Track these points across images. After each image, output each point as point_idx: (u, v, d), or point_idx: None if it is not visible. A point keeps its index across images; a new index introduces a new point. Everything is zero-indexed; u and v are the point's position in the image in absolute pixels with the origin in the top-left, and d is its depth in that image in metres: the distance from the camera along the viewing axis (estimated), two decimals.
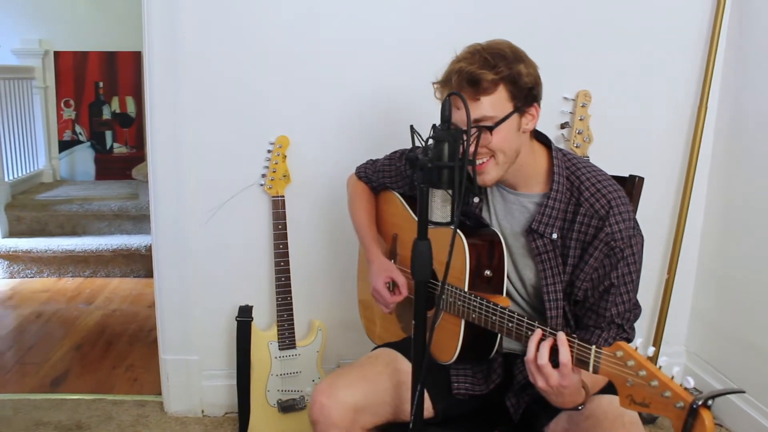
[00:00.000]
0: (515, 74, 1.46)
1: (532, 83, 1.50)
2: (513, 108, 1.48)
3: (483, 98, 1.46)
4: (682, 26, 2.53)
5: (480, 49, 1.49)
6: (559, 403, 1.40)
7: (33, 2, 5.10)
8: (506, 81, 1.46)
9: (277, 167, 2.41)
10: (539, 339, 1.37)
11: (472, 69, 1.44)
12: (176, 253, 2.52)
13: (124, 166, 5.17)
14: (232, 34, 2.38)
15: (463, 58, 1.49)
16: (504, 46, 1.50)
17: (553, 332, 1.35)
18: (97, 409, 2.70)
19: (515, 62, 1.47)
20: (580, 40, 2.48)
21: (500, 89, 1.47)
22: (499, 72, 1.45)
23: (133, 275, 4.27)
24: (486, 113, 1.46)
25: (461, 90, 1.45)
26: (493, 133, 1.48)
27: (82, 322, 3.58)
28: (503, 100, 1.48)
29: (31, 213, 4.46)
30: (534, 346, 1.37)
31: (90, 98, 5.17)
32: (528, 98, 1.50)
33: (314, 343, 2.48)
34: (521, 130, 1.53)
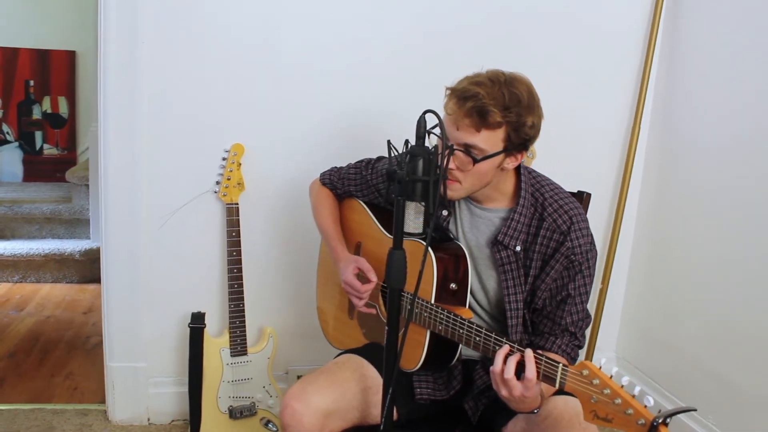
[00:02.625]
0: (521, 123, 1.54)
1: (531, 135, 1.59)
2: (503, 148, 1.57)
3: (483, 131, 1.53)
4: (617, 47, 2.69)
5: (502, 82, 1.54)
6: (518, 408, 1.49)
7: None
8: (510, 126, 1.54)
9: (232, 175, 2.43)
10: (506, 353, 1.45)
11: (486, 102, 1.50)
12: (125, 258, 2.50)
13: (54, 168, 5.03)
14: (189, 40, 2.39)
15: (482, 83, 1.54)
16: (524, 88, 1.56)
17: (521, 348, 1.44)
18: (37, 419, 2.63)
19: (527, 111, 1.55)
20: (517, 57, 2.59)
21: (501, 130, 1.55)
22: (508, 116, 1.52)
23: (66, 281, 4.16)
24: (478, 144, 1.55)
25: (468, 113, 1.52)
26: (475, 164, 1.56)
27: (13, 329, 3.47)
28: (498, 139, 1.56)
29: None
30: (501, 359, 1.44)
31: (19, 97, 5.00)
32: (521, 146, 1.59)
33: (265, 349, 2.50)
34: (501, 167, 1.61)
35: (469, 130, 1.53)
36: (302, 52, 2.45)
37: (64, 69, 5.01)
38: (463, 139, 1.55)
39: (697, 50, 2.55)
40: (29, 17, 4.98)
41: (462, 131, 1.55)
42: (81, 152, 5.08)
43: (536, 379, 1.41)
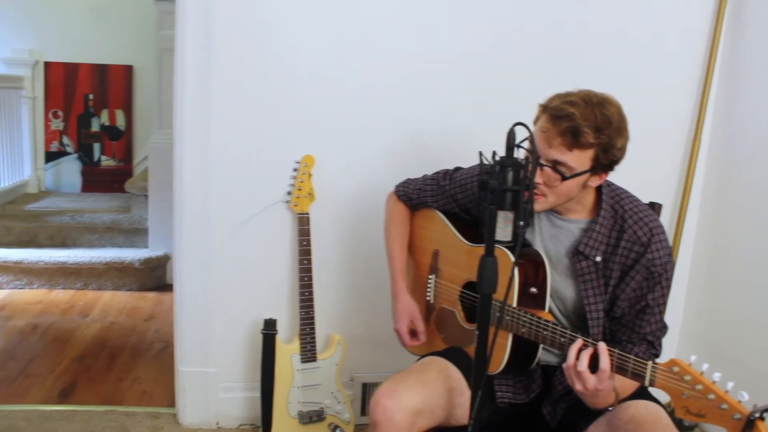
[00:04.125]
0: (611, 145, 1.60)
1: (619, 157, 1.65)
2: (590, 167, 1.62)
3: (574, 150, 1.59)
4: (677, 59, 2.72)
5: (595, 104, 1.59)
6: (592, 403, 1.56)
7: (25, 12, 5.09)
8: (601, 147, 1.60)
9: (303, 185, 2.50)
10: (579, 347, 1.52)
11: (580, 123, 1.56)
12: (198, 266, 2.58)
13: (111, 179, 5.19)
14: (261, 56, 2.47)
15: (576, 103, 1.59)
16: (614, 110, 1.61)
17: (593, 342, 1.51)
18: (110, 420, 2.72)
19: (617, 134, 1.60)
20: (576, 69, 2.62)
21: (591, 150, 1.60)
22: (599, 138, 1.58)
23: (126, 288, 4.27)
24: (567, 162, 1.60)
25: (561, 133, 1.58)
26: (562, 181, 1.61)
27: (80, 334, 3.58)
28: (587, 159, 1.61)
29: (21, 223, 4.44)
30: (574, 353, 1.51)
31: (79, 110, 5.17)
32: (607, 166, 1.65)
33: (334, 356, 2.56)
34: (585, 184, 1.67)
35: (561, 148, 1.59)
36: (370, 66, 2.52)
37: (122, 83, 5.17)
38: (554, 156, 1.61)
39: (759, 62, 2.57)
40: (89, 34, 5.16)
41: (554, 149, 1.60)
42: (137, 163, 5.22)
43: (610, 372, 1.46)
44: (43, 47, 5.15)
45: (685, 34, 2.70)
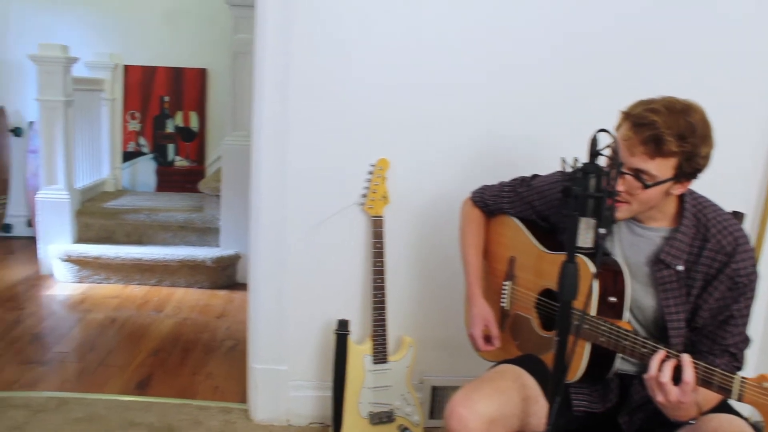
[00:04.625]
0: (695, 153, 1.58)
1: (703, 166, 1.63)
2: (673, 176, 1.61)
3: (657, 159, 1.58)
4: (758, 61, 2.65)
5: (678, 111, 1.58)
6: (674, 416, 1.54)
7: (107, 18, 5.29)
8: (684, 155, 1.58)
9: (377, 188, 2.54)
10: (662, 358, 1.51)
11: (662, 131, 1.55)
12: (274, 266, 2.64)
13: (183, 179, 5.34)
14: (340, 59, 2.51)
15: (659, 110, 1.58)
16: (698, 118, 1.60)
17: (677, 354, 1.49)
18: (185, 413, 2.81)
19: (701, 142, 1.59)
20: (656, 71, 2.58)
21: (674, 158, 1.58)
22: (683, 146, 1.56)
23: (198, 286, 4.39)
24: (650, 170, 1.59)
25: (643, 141, 1.57)
26: (644, 189, 1.60)
27: (155, 329, 3.70)
28: (670, 167, 1.60)
29: (100, 220, 4.61)
30: (656, 364, 1.50)
31: (155, 112, 5.34)
32: (690, 175, 1.63)
33: (405, 358, 2.59)
34: (667, 193, 1.65)
35: (643, 157, 1.58)
36: (447, 71, 2.53)
37: (196, 86, 5.31)
38: (636, 164, 1.60)
39: None
40: (166, 38, 5.32)
41: (636, 157, 1.59)
42: (209, 164, 5.36)
43: (694, 384, 1.44)
44: (122, 51, 5.34)
45: (765, 38, 2.63)
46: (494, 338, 1.98)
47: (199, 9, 5.27)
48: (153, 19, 5.32)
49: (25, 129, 5.39)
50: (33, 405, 2.80)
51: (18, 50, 5.23)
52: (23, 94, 5.34)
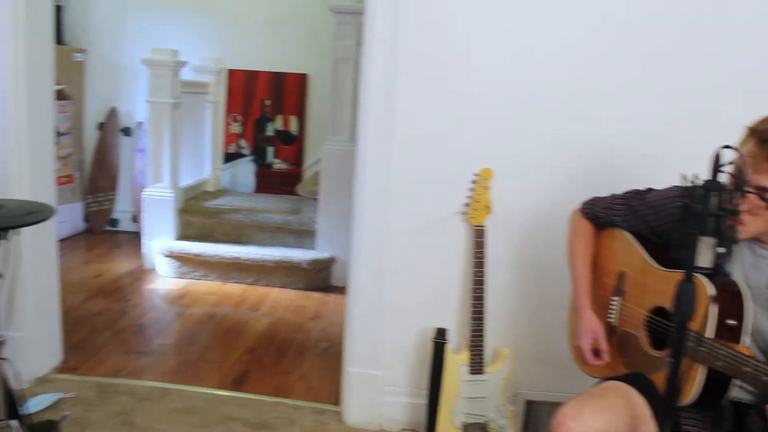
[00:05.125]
0: None
1: None
2: None
3: None
4: None
5: None
6: None
7: (213, 24, 5.48)
8: None
9: (480, 197, 2.52)
10: None
11: None
12: (374, 271, 2.66)
13: (281, 181, 5.46)
14: (446, 68, 2.52)
15: None
16: None
17: None
18: (279, 411, 2.86)
19: None
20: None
21: None
22: None
23: (293, 287, 4.47)
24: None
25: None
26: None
27: (251, 327, 3.80)
28: None
29: (201, 219, 4.77)
30: None
31: (256, 115, 5.49)
32: None
33: (501, 370, 2.56)
34: None
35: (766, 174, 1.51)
36: (554, 82, 2.50)
37: (297, 90, 5.43)
38: (760, 182, 1.53)
39: None
40: (268, 44, 5.46)
41: (761, 175, 1.52)
42: (307, 167, 5.46)
43: None
44: (227, 56, 5.51)
45: None
46: (603, 352, 1.93)
47: (302, 16, 5.39)
48: (257, 25, 5.47)
49: (134, 129, 5.64)
50: (137, 393, 2.91)
51: (132, 55, 5.49)
52: (134, 96, 5.60)
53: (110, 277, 4.54)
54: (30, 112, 2.76)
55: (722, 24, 2.42)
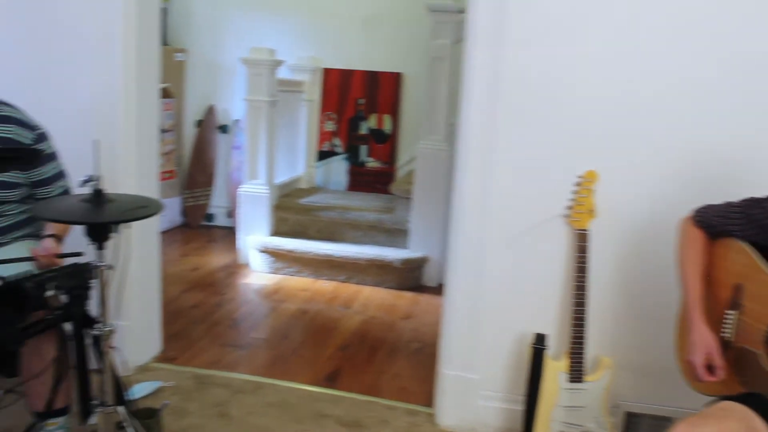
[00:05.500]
0: None
1: None
2: None
3: None
4: None
5: None
6: None
7: (310, 23, 5.54)
8: None
9: (584, 201, 2.43)
10: None
11: None
12: (472, 273, 2.61)
13: (374, 179, 5.47)
14: (550, 68, 2.44)
15: None
16: None
17: None
18: (372, 410, 2.85)
19: None
20: None
21: None
22: None
23: (385, 286, 4.47)
24: None
25: None
26: None
27: (343, 324, 3.81)
28: None
29: (295, 215, 4.83)
30: None
31: (350, 113, 5.51)
32: None
33: (601, 380, 2.46)
34: None
35: None
36: (662, 85, 2.38)
37: (391, 89, 5.42)
38: None
39: None
40: (363, 43, 5.48)
41: None
42: (400, 166, 5.45)
43: None
44: (322, 55, 5.56)
45: None
46: (718, 369, 1.82)
47: (397, 15, 5.38)
48: (352, 24, 5.50)
49: (230, 126, 5.77)
50: (233, 385, 2.96)
51: (230, 54, 5.62)
52: (231, 94, 5.73)
53: (206, 271, 4.66)
54: (138, 110, 2.85)
55: None
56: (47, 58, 2.83)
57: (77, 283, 1.96)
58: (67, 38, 2.80)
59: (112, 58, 2.76)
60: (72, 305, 1.99)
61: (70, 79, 2.82)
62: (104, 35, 2.75)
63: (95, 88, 2.80)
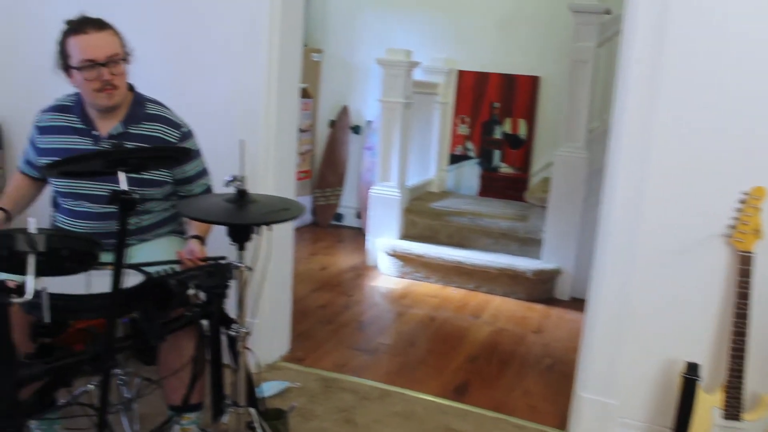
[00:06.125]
0: None
1: None
2: None
3: None
4: None
5: None
6: None
7: (445, 25, 5.46)
8: None
9: (749, 220, 2.21)
10: None
11: None
12: (616, 290, 2.44)
13: (506, 185, 5.33)
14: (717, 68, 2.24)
15: None
16: None
17: None
18: (501, 428, 2.73)
19: None
20: None
21: None
22: None
23: (515, 296, 4.32)
24: None
25: None
26: None
27: (472, 334, 3.70)
28: None
29: (425, 219, 4.76)
30: None
31: (484, 117, 5.39)
32: None
33: (762, 420, 2.23)
34: None
35: None
36: None
37: (527, 93, 5.25)
38: None
39: None
40: (500, 45, 5.34)
41: None
42: (534, 173, 5.27)
43: None
44: (457, 56, 5.47)
45: None
46: None
47: (536, 16, 5.20)
48: (488, 25, 5.37)
49: (363, 127, 5.79)
50: (359, 391, 2.93)
51: (364, 55, 5.65)
52: (364, 95, 5.76)
53: (334, 271, 4.68)
54: (279, 110, 2.88)
55: None
56: (191, 57, 2.92)
57: (217, 282, 1.97)
58: (211, 39, 2.86)
59: (256, 58, 2.79)
60: (210, 303, 2.01)
61: (212, 79, 2.88)
62: (248, 35, 2.79)
63: (238, 87, 2.84)
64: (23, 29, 3.27)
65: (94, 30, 2.13)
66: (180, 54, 2.93)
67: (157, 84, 2.56)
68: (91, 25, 2.13)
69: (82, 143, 2.25)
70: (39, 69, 2.20)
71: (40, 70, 2.19)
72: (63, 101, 2.32)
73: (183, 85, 2.91)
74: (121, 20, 2.24)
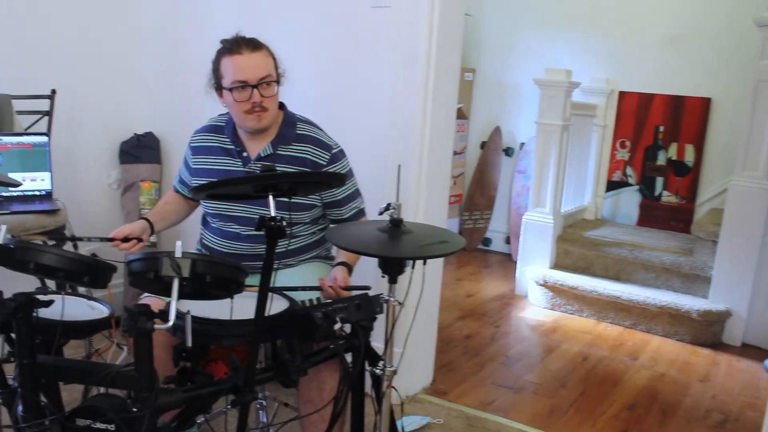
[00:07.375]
0: None
1: None
2: None
3: None
4: None
5: None
6: None
7: (605, 43, 5.16)
8: None
9: None
10: None
11: None
12: None
13: (669, 215, 4.93)
14: None
15: None
16: None
17: None
18: None
19: None
20: None
21: None
22: None
23: (676, 338, 3.95)
24: None
25: None
26: None
27: (629, 378, 3.40)
28: None
29: (579, 249, 4.49)
30: None
31: (647, 142, 5.03)
32: None
33: None
34: None
35: None
36: None
37: (696, 116, 4.85)
38: None
39: None
40: (667, 64, 4.96)
41: None
42: (700, 203, 4.85)
43: None
44: (618, 77, 5.14)
45: None
46: None
47: (709, 32, 4.78)
48: (653, 43, 5.01)
49: (515, 150, 5.59)
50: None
51: (518, 74, 5.46)
52: (517, 116, 5.56)
53: (480, 299, 4.51)
54: (433, 132, 2.77)
55: None
56: (347, 80, 2.86)
57: (364, 316, 1.87)
58: (367, 59, 2.80)
59: (413, 78, 2.70)
60: (356, 337, 1.91)
61: (366, 99, 2.82)
62: (405, 55, 2.70)
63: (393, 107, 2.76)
64: (183, 50, 3.38)
65: (248, 50, 2.10)
66: (335, 76, 2.90)
67: (310, 103, 2.52)
68: (246, 45, 2.11)
69: (232, 164, 2.24)
70: (198, 89, 2.21)
71: (199, 89, 2.20)
72: (216, 121, 2.32)
73: (336, 106, 2.87)
74: (277, 41, 2.21)
